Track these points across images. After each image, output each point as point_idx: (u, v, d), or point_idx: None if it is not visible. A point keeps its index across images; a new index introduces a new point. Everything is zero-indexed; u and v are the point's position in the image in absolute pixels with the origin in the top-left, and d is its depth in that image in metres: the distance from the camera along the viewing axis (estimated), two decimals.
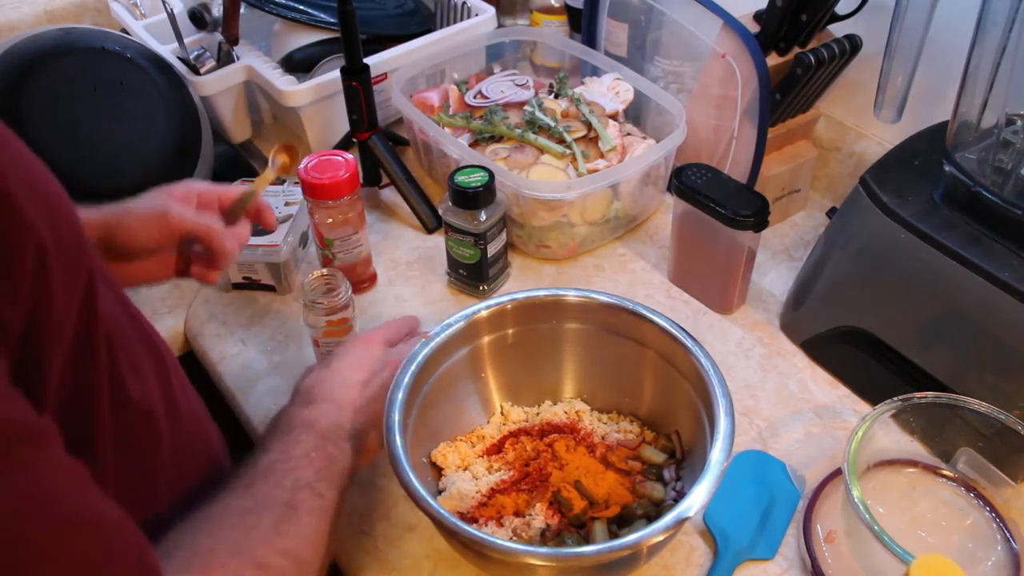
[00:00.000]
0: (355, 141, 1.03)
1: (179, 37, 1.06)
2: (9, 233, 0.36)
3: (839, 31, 0.90)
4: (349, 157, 0.86)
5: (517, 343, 0.76)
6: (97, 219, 0.67)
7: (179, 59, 1.05)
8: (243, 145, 1.17)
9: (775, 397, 0.81)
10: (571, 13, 1.17)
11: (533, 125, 0.96)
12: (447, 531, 0.60)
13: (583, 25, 1.10)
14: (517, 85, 1.03)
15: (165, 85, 0.95)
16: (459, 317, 0.72)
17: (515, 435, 0.75)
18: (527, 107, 0.98)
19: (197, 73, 1.05)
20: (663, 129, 1.00)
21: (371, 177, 1.06)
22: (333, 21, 1.11)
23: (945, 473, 0.72)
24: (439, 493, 0.70)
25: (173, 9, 1.06)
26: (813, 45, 0.89)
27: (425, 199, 1.02)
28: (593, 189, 0.89)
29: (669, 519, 0.57)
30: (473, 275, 0.91)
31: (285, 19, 1.13)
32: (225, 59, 1.07)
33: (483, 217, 0.86)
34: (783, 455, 0.75)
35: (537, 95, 1.01)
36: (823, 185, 1.03)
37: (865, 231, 0.76)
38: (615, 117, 1.00)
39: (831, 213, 0.95)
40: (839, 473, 0.72)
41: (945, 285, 0.70)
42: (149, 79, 0.93)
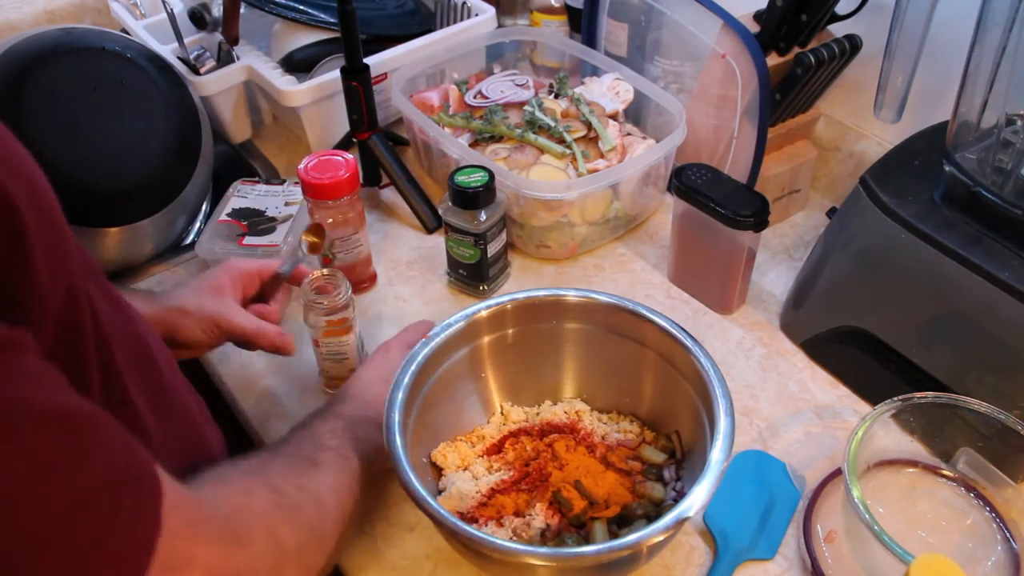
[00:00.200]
0: (355, 141, 1.03)
1: (179, 37, 1.06)
2: None
3: (839, 31, 0.90)
4: (349, 157, 0.86)
5: (517, 343, 0.76)
6: (156, 316, 0.72)
7: (179, 59, 1.06)
8: (243, 145, 1.17)
9: (775, 397, 0.81)
10: (571, 13, 1.17)
11: (533, 125, 0.96)
12: (447, 531, 0.60)
13: (583, 25, 1.10)
14: (517, 85, 1.03)
15: (165, 85, 0.94)
16: (459, 317, 0.72)
17: (515, 435, 0.75)
18: (527, 107, 0.98)
19: (197, 73, 1.05)
20: (663, 129, 1.00)
21: (371, 177, 1.06)
22: (333, 21, 1.11)
23: (945, 473, 0.72)
24: (439, 493, 0.70)
25: (173, 9, 1.06)
26: (813, 45, 0.89)
27: (425, 199, 1.02)
28: (593, 189, 0.89)
29: (669, 519, 0.57)
30: (473, 275, 0.91)
31: (285, 19, 1.13)
32: (225, 59, 1.07)
33: (483, 217, 0.86)
34: (783, 455, 0.75)
35: (537, 95, 1.01)
36: (823, 185, 1.03)
37: (865, 231, 0.76)
38: (615, 117, 1.00)
39: (831, 213, 0.95)
40: (839, 473, 0.72)
41: (945, 285, 0.70)
42: (149, 79, 0.93)
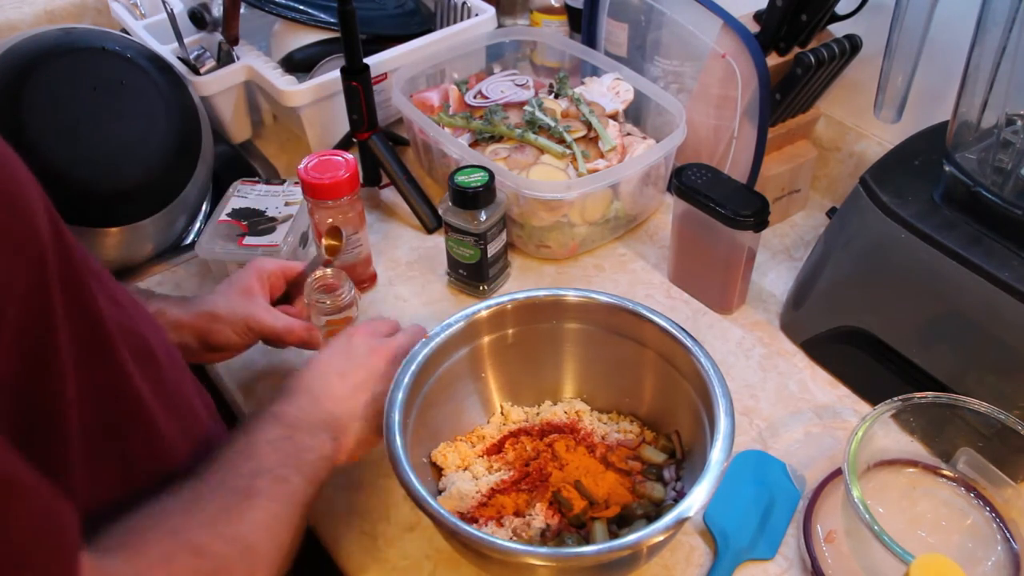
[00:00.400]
0: (355, 141, 1.03)
1: (179, 37, 1.06)
2: None
3: (839, 31, 0.90)
4: (349, 157, 0.86)
5: (517, 343, 0.76)
6: (189, 321, 0.73)
7: (179, 59, 1.05)
8: (243, 145, 1.17)
9: (775, 397, 0.81)
10: (571, 13, 1.17)
11: (533, 125, 0.96)
12: (447, 531, 0.60)
13: (583, 25, 1.10)
14: (517, 85, 1.03)
15: (165, 85, 0.94)
16: (459, 317, 0.72)
17: (515, 435, 0.75)
18: (527, 107, 0.98)
19: (197, 73, 1.05)
20: (663, 129, 1.00)
21: (371, 177, 1.06)
22: (333, 21, 1.11)
23: (945, 473, 0.72)
24: (439, 493, 0.70)
25: (173, 9, 1.06)
26: (813, 45, 0.89)
27: (425, 199, 1.02)
28: (593, 189, 0.89)
29: (669, 519, 0.57)
30: (473, 275, 0.91)
31: (285, 19, 1.13)
32: (225, 59, 1.07)
33: (483, 217, 0.86)
34: (783, 455, 0.75)
35: (537, 95, 1.01)
36: (823, 185, 1.03)
37: (865, 231, 0.76)
38: (615, 117, 1.00)
39: (831, 213, 0.95)
40: (839, 473, 0.72)
41: (945, 285, 0.70)
42: (149, 79, 0.93)
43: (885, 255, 0.74)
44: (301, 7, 1.13)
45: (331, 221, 0.86)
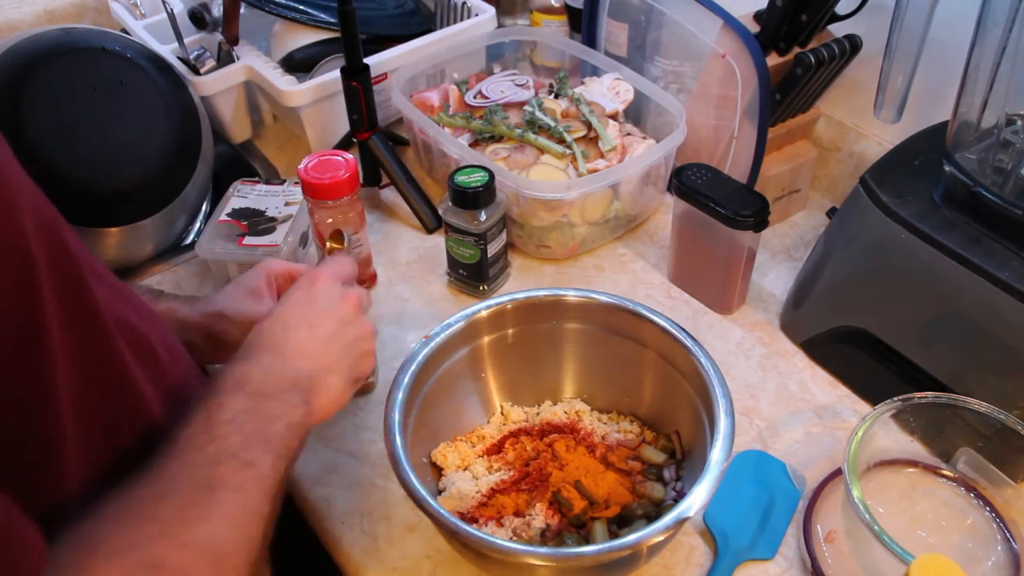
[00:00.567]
0: (355, 141, 1.03)
1: (179, 37, 1.06)
2: None
3: (839, 31, 0.90)
4: (349, 157, 0.86)
5: (517, 343, 0.76)
6: (196, 321, 0.72)
7: (179, 59, 1.05)
8: (243, 145, 1.17)
9: (775, 397, 0.81)
10: (571, 13, 1.17)
11: (533, 125, 0.96)
12: (447, 531, 0.60)
13: (583, 25, 1.10)
14: (517, 85, 1.03)
15: (165, 85, 0.94)
16: (459, 317, 0.72)
17: (515, 435, 0.75)
18: (527, 107, 0.98)
19: (197, 73, 1.05)
20: (663, 129, 1.00)
21: (371, 177, 1.06)
22: (333, 21, 1.11)
23: (945, 473, 0.72)
24: (439, 493, 0.70)
25: (173, 9, 1.06)
26: (813, 45, 0.89)
27: (425, 199, 1.02)
28: (593, 189, 0.89)
29: (669, 519, 0.57)
30: (473, 275, 0.91)
31: (285, 19, 1.13)
32: (225, 59, 1.07)
33: (483, 217, 0.86)
34: (783, 455, 0.75)
35: (537, 95, 1.01)
36: (823, 185, 1.03)
37: (865, 231, 0.76)
38: (615, 117, 1.00)
39: (831, 213, 0.95)
40: (839, 473, 0.72)
41: (945, 285, 0.70)
42: (149, 79, 0.93)
43: (885, 255, 0.74)
44: (301, 7, 1.13)
45: (331, 221, 0.86)
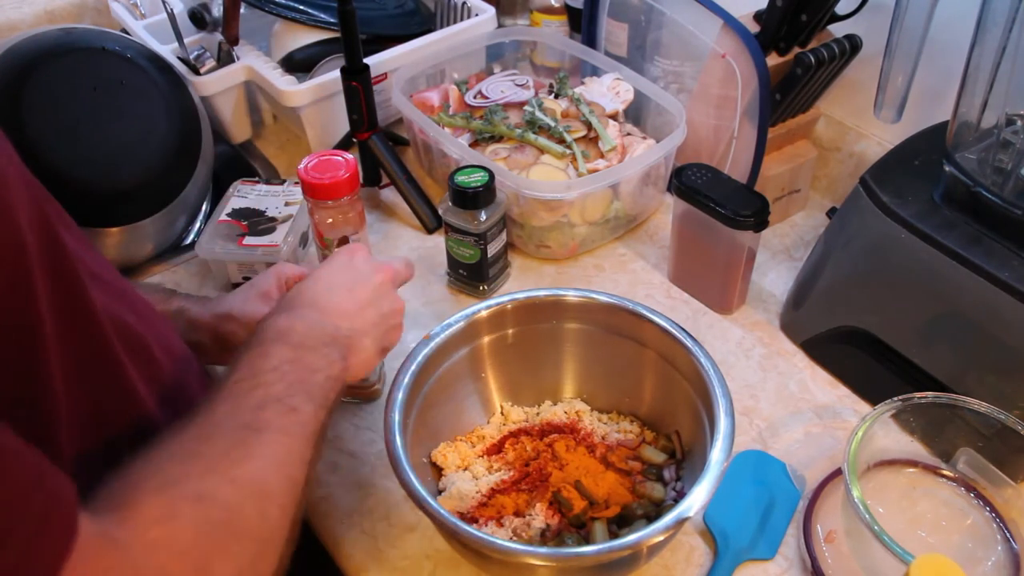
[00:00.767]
0: (355, 141, 1.03)
1: (179, 37, 1.06)
2: None
3: (839, 31, 0.90)
4: (349, 157, 0.86)
5: (517, 343, 0.76)
6: (206, 321, 0.73)
7: (179, 59, 1.05)
8: (243, 145, 1.17)
9: (775, 397, 0.81)
10: (571, 13, 1.17)
11: (533, 125, 0.96)
12: (447, 531, 0.60)
13: (583, 25, 1.10)
14: (517, 85, 1.03)
15: (165, 85, 0.94)
16: (459, 317, 0.72)
17: (515, 435, 0.75)
18: (527, 107, 0.98)
19: (197, 73, 1.05)
20: (663, 129, 1.00)
21: (371, 177, 1.06)
22: (333, 21, 1.11)
23: (945, 473, 0.72)
24: (439, 493, 0.70)
25: (173, 9, 1.06)
26: (813, 45, 0.89)
27: (425, 199, 1.02)
28: (593, 189, 0.89)
29: (669, 519, 0.57)
30: (473, 275, 0.91)
31: (285, 19, 1.13)
32: (225, 59, 1.07)
33: (483, 217, 0.86)
34: (783, 455, 0.75)
35: (537, 95, 1.01)
36: (823, 185, 1.03)
37: (865, 231, 0.76)
38: (615, 117, 1.00)
39: (831, 213, 0.95)
40: (839, 473, 0.72)
41: (945, 285, 0.70)
42: (149, 79, 0.93)
43: (885, 255, 0.74)
44: (301, 7, 1.13)
45: (331, 221, 0.86)
